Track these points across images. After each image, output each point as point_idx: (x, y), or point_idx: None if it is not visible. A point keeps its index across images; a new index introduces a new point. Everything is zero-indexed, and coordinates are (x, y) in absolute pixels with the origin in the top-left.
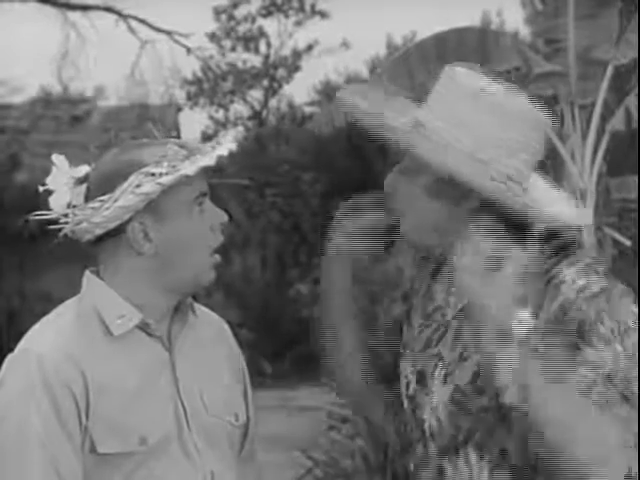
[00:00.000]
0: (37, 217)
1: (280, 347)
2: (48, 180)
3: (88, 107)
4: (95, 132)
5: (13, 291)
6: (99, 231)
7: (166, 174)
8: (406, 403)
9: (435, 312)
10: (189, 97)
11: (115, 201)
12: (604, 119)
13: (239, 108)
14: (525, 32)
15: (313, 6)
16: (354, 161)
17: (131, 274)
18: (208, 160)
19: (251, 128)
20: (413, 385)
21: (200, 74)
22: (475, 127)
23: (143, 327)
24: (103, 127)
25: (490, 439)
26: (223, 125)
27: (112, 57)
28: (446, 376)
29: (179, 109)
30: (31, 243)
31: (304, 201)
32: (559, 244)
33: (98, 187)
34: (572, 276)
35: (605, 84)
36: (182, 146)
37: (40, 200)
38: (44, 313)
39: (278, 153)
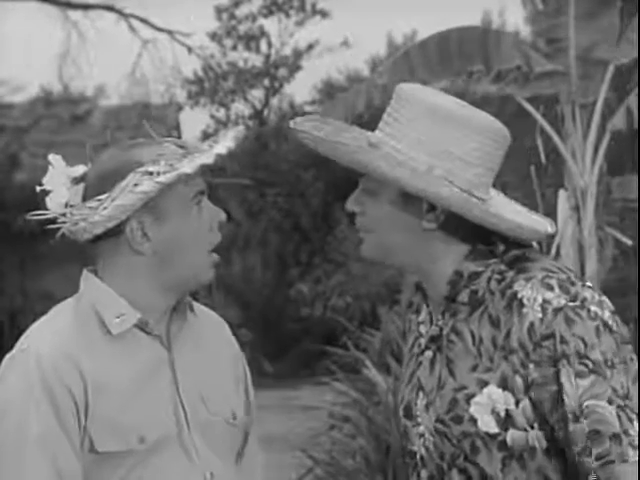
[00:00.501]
0: (35, 217)
1: (281, 347)
2: (44, 180)
3: (89, 106)
4: (96, 131)
5: (15, 290)
6: (97, 230)
7: (164, 173)
8: (404, 440)
9: (414, 343)
10: (190, 96)
11: (113, 200)
12: (605, 118)
13: (240, 107)
14: (526, 32)
15: (314, 5)
16: None
17: (130, 273)
18: (207, 158)
19: (252, 127)
20: (402, 421)
21: (201, 73)
22: (430, 142)
23: (142, 326)
24: (104, 126)
25: (471, 463)
26: (224, 124)
27: (113, 56)
28: (428, 405)
29: (180, 108)
30: (32, 242)
31: (305, 200)
32: (513, 256)
33: (96, 186)
34: (530, 294)
35: (606, 83)
36: (179, 145)
37: (40, 199)
38: (45, 312)
39: (279, 152)
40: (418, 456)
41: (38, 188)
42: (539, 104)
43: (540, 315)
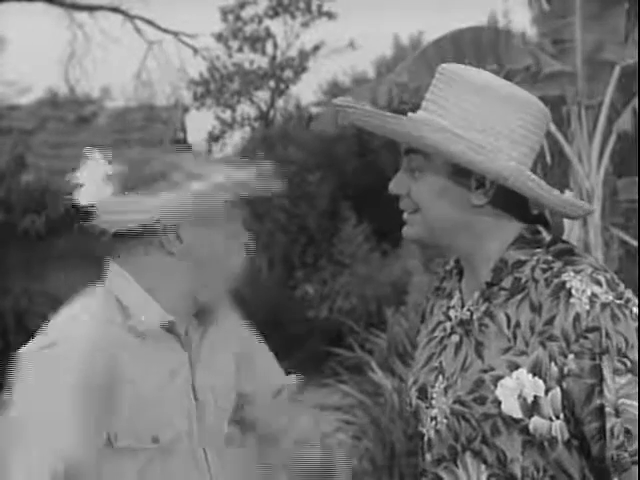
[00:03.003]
0: (71, 204)
1: (286, 348)
2: (79, 173)
3: (95, 108)
4: (102, 133)
5: (20, 291)
6: (132, 224)
7: (206, 178)
8: (413, 421)
9: (437, 327)
10: (196, 98)
11: (152, 197)
12: (611, 120)
13: (246, 109)
14: (532, 33)
15: (319, 7)
16: (361, 161)
17: (157, 273)
18: (247, 174)
19: (257, 129)
20: (414, 401)
21: (207, 75)
22: (477, 119)
23: (168, 327)
24: (110, 128)
25: (487, 446)
26: (230, 126)
27: (119, 58)
28: (447, 388)
29: (186, 110)
30: (38, 243)
31: (311, 202)
32: (560, 249)
33: (136, 182)
34: (579, 285)
35: (612, 85)
36: (219, 159)
37: (46, 200)
38: (51, 313)
39: (285, 154)
40: (426, 438)
41: (71, 180)
42: (545, 105)
43: (587, 307)
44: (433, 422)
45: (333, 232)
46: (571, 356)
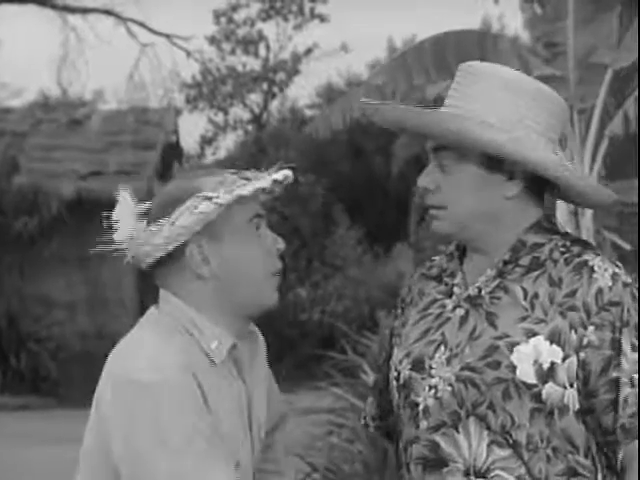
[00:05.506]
0: (104, 247)
1: (279, 351)
2: (114, 214)
3: (87, 111)
4: (94, 135)
5: (13, 293)
6: (158, 253)
7: (222, 196)
8: (397, 394)
9: (431, 305)
10: (188, 100)
11: (173, 223)
12: (603, 123)
13: (238, 112)
14: (525, 36)
15: (312, 9)
16: (353, 164)
17: (196, 298)
18: (263, 183)
19: (250, 132)
20: (405, 373)
21: (199, 77)
22: (505, 113)
23: (231, 350)
24: (102, 130)
25: (494, 412)
26: (222, 129)
27: (111, 60)
28: (450, 358)
29: (178, 112)
30: (31, 245)
31: (303, 205)
32: (576, 238)
33: (157, 213)
34: (601, 264)
35: (604, 88)
36: (242, 176)
37: (39, 202)
38: (43, 315)
39: (277, 156)
40: (421, 407)
41: (105, 223)
42: None
43: (610, 283)
44: (432, 391)
45: (325, 235)
46: (591, 328)
